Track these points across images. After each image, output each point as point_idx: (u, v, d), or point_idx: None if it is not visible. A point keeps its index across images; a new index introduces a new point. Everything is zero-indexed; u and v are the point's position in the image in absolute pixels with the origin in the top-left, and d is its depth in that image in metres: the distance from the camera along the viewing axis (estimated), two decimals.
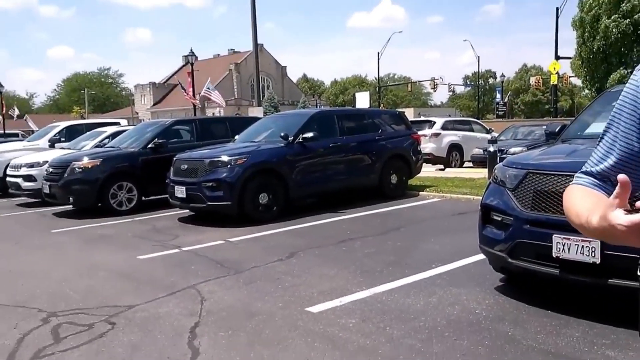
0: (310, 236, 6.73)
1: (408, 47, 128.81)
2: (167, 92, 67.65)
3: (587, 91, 35.28)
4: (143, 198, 9.41)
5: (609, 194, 1.08)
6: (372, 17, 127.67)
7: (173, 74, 69.28)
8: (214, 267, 5.37)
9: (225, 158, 7.84)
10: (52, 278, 5.25)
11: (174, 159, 8.48)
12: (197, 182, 7.80)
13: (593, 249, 3.28)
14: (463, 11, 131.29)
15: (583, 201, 1.10)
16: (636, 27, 27.06)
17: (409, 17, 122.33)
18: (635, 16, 26.87)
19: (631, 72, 1.17)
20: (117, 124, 15.06)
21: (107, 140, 11.58)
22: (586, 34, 28.33)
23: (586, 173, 1.20)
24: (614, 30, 27.08)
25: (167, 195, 8.52)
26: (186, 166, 8.14)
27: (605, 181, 1.15)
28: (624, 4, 27.01)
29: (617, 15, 26.99)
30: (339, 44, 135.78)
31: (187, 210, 8.53)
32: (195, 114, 27.96)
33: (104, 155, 9.46)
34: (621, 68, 27.46)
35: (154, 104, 66.80)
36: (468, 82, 74.17)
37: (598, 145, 1.20)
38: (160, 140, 9.55)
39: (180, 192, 7.99)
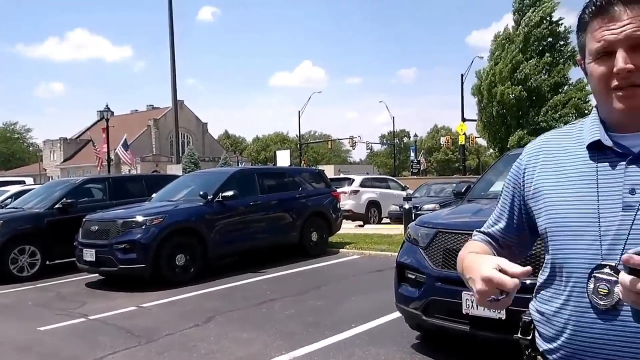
0: (229, 298, 6.55)
1: (328, 106, 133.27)
2: (79, 148, 64.82)
3: (491, 150, 38.04)
4: (47, 262, 8.76)
5: (496, 251, 1.30)
6: (294, 76, 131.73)
7: (86, 130, 66.80)
8: (124, 336, 5.04)
9: (140, 218, 7.55)
10: None
11: (84, 219, 8.04)
12: (108, 244, 7.41)
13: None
14: (379, 74, 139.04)
15: (470, 247, 1.29)
16: (530, 92, 29.93)
17: (328, 78, 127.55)
18: (529, 83, 29.77)
19: (527, 134, 1.34)
20: (22, 182, 14.17)
21: (9, 200, 10.82)
22: (484, 100, 30.92)
23: (479, 231, 1.37)
24: (510, 95, 29.78)
25: (74, 259, 8.00)
26: (97, 227, 7.73)
27: (495, 240, 1.33)
28: (517, 73, 29.89)
29: (509, 83, 29.77)
30: (261, 101, 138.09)
31: (97, 275, 8.03)
32: (109, 172, 26.92)
33: (5, 216, 8.77)
34: (519, 130, 30.03)
35: (64, 160, 63.61)
36: (384, 141, 77.63)
37: (495, 208, 1.36)
38: (69, 200, 9.05)
39: (90, 255, 7.54)
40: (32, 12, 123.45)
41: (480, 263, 1.11)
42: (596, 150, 1.12)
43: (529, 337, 1.22)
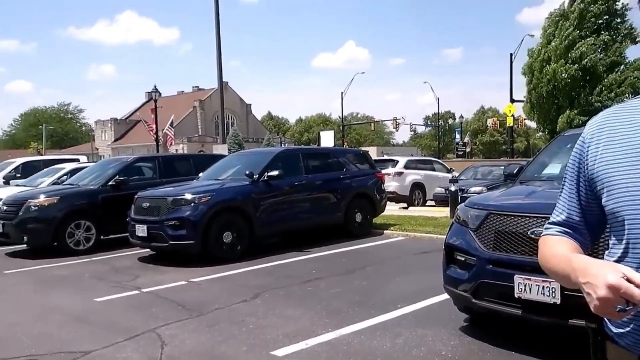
0: (276, 276, 6.65)
1: (371, 88, 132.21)
2: (128, 128, 66.83)
3: (540, 133, 36.80)
4: (102, 237, 9.13)
5: (578, 241, 1.22)
6: (337, 58, 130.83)
7: (135, 110, 68.68)
8: (176, 309, 5.22)
9: (189, 196, 7.74)
10: (2, 322, 4.98)
11: (136, 196, 8.31)
12: (159, 221, 7.64)
13: (553, 290, 3.35)
14: (423, 54, 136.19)
15: (559, 248, 1.20)
16: (584, 72, 28.66)
17: (372, 59, 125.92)
18: (584, 62, 28.49)
19: (579, 114, 1.26)
20: (77, 160, 14.71)
21: (65, 177, 11.28)
22: (535, 80, 29.80)
23: (553, 223, 1.29)
24: (563, 74, 28.59)
25: (127, 234, 8.30)
26: (148, 204, 7.97)
27: (573, 228, 1.24)
28: (573, 51, 28.62)
29: (563, 61, 28.55)
30: (304, 83, 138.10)
31: (148, 250, 8.31)
32: (158, 151, 27.64)
33: (62, 192, 9.17)
34: (569, 111, 28.87)
35: (115, 140, 65.76)
36: (429, 122, 76.35)
37: (559, 196, 1.29)
38: (121, 178, 9.36)
39: (142, 230, 7.80)
40: None
41: (601, 268, 1.02)
42: None
43: (594, 324, 1.18)
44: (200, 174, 9.42)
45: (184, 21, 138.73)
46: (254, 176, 8.30)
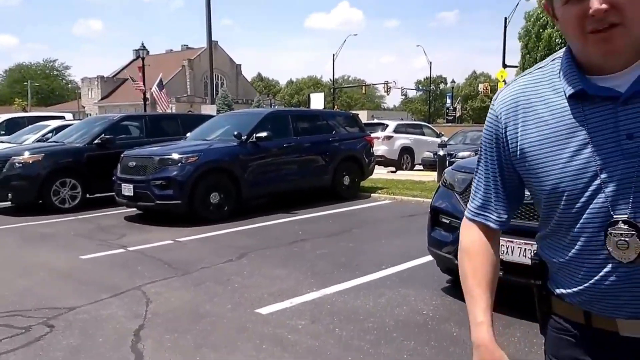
0: (262, 237, 6.68)
1: (364, 50, 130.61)
2: (116, 86, 65.64)
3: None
4: (88, 195, 9.07)
5: (494, 222, 1.25)
6: (330, 18, 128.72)
7: (123, 68, 67.33)
8: (161, 267, 5.23)
9: (176, 156, 7.66)
10: None
11: (122, 155, 8.22)
12: (145, 180, 7.58)
13: (533, 252, 3.39)
14: (419, 16, 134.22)
15: (475, 271, 1.25)
16: None
17: (366, 20, 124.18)
18: None
19: None
20: (62, 117, 14.49)
21: (50, 134, 11.11)
22: (530, 44, 29.53)
23: (475, 204, 1.29)
24: (557, 40, 28.37)
25: (113, 193, 8.25)
26: (134, 163, 7.90)
27: (490, 209, 1.26)
28: None
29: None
30: (296, 44, 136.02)
31: (134, 209, 8.28)
32: (145, 110, 27.27)
33: (47, 150, 9.04)
34: None
35: (102, 99, 64.67)
36: (420, 87, 75.83)
37: (475, 173, 1.29)
38: (107, 136, 9.23)
39: (128, 190, 7.75)
40: None
41: (483, 338, 1.19)
42: (579, 99, 1.04)
43: (540, 281, 1.22)
44: (188, 134, 9.32)
45: None
46: (242, 137, 8.23)
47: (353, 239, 6.51)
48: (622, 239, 1.00)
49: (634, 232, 0.99)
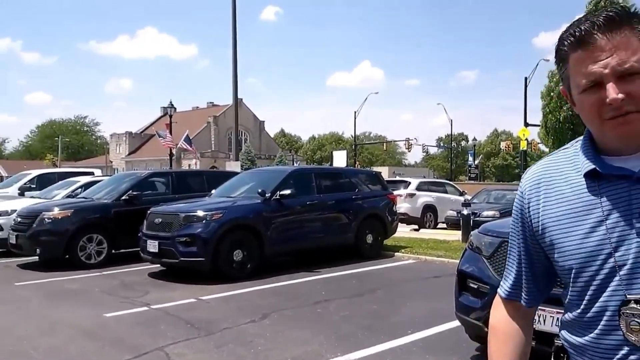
0: (285, 296, 6.61)
1: (385, 108, 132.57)
2: (143, 142, 67.55)
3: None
4: (113, 251, 9.17)
5: (525, 301, 1.24)
6: (352, 77, 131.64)
7: (150, 125, 69.51)
8: (184, 327, 5.20)
9: (200, 213, 7.76)
10: (12, 334, 4.99)
11: (148, 212, 8.35)
12: (170, 237, 7.66)
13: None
14: (439, 75, 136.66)
15: (500, 348, 1.24)
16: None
17: (386, 79, 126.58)
18: None
19: None
20: (91, 173, 14.86)
21: (79, 190, 11.39)
22: (552, 104, 29.68)
23: (506, 281, 1.28)
24: None
25: (138, 249, 8.33)
26: (160, 220, 8.01)
27: (520, 287, 1.25)
28: None
29: None
30: (318, 101, 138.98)
31: (159, 265, 8.33)
32: (171, 165, 27.87)
33: (76, 206, 9.26)
34: None
35: (129, 154, 66.45)
36: (441, 144, 76.22)
37: (509, 256, 1.28)
38: (134, 192, 9.43)
39: (153, 246, 7.82)
40: (104, 10, 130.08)
41: None
42: (595, 177, 1.06)
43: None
44: (213, 191, 9.46)
45: (202, 38, 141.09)
46: (266, 194, 8.32)
47: (377, 301, 6.39)
48: (635, 319, 0.99)
49: None
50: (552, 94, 29.63)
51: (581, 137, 1.16)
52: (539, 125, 32.02)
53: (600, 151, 1.09)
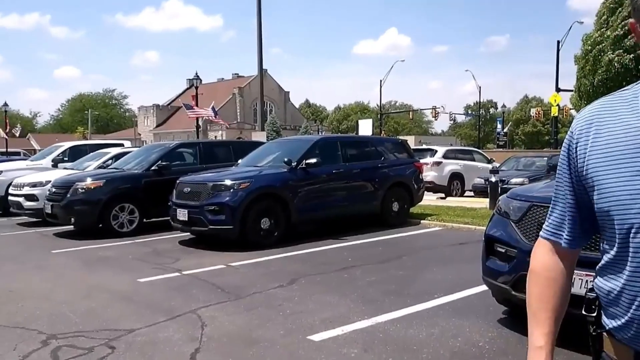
0: (312, 262, 6.71)
1: (411, 76, 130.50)
2: (170, 114, 68.24)
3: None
4: (145, 220, 9.40)
5: (569, 243, 1.24)
6: (378, 44, 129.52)
7: (177, 97, 70.01)
8: (215, 292, 5.35)
9: (228, 182, 7.87)
10: (51, 299, 5.22)
11: (177, 181, 8.51)
12: (199, 206, 7.81)
13: (588, 284, 3.26)
14: (468, 42, 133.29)
15: (541, 297, 1.25)
16: (638, 61, 27.43)
17: (414, 46, 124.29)
18: (638, 51, 27.26)
19: None
20: (121, 145, 15.14)
21: (110, 161, 11.64)
22: (587, 67, 28.70)
23: (549, 221, 1.29)
24: (616, 64, 27.46)
25: (168, 218, 8.53)
26: (189, 189, 8.16)
27: (564, 227, 1.25)
28: (627, 40, 27.44)
29: (621, 50, 27.40)
30: (343, 70, 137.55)
31: (188, 234, 8.52)
32: (198, 137, 28.14)
33: (107, 176, 9.49)
34: None
35: (157, 126, 67.28)
36: (469, 112, 74.77)
37: (555, 192, 1.29)
38: (164, 163, 9.61)
39: (182, 215, 7.99)
40: None
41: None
42: None
43: (594, 315, 1.18)
44: (240, 161, 9.56)
45: (228, 8, 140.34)
46: (292, 163, 8.36)
47: (403, 267, 6.44)
48: None
49: None
50: (587, 56, 28.63)
51: None
52: (571, 91, 31.08)
53: None
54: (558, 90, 29.98)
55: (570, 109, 36.22)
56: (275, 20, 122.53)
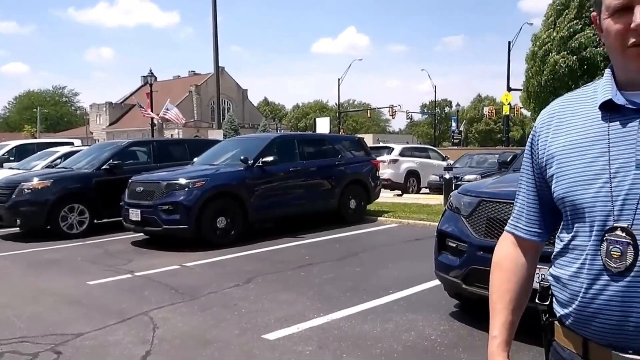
0: (269, 261, 6.67)
1: (370, 74, 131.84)
2: (123, 112, 66.39)
3: (534, 123, 36.78)
4: (95, 221, 9.11)
5: (533, 235, 1.27)
6: (337, 43, 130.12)
7: (131, 94, 68.22)
8: (168, 292, 5.23)
9: (183, 181, 7.72)
10: None
11: (130, 181, 8.29)
12: (153, 205, 7.63)
13: (542, 276, 3.37)
14: (425, 41, 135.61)
15: (502, 287, 1.28)
16: (582, 62, 28.63)
17: (372, 45, 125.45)
18: (583, 53, 28.44)
19: None
20: (71, 144, 14.62)
21: (59, 160, 11.22)
22: (535, 68, 29.74)
23: (513, 215, 1.32)
24: (562, 65, 28.55)
25: (120, 218, 8.30)
26: (142, 188, 7.96)
27: (527, 220, 1.28)
28: (572, 41, 28.57)
29: (565, 52, 28.51)
30: (302, 69, 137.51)
31: (142, 234, 8.31)
32: (153, 135, 27.54)
33: (55, 176, 9.12)
34: None
35: (110, 124, 65.35)
36: (425, 110, 76.18)
37: (519, 185, 1.31)
38: (115, 162, 9.33)
39: (135, 215, 7.79)
40: None
41: (492, 352, 1.24)
42: (609, 109, 1.08)
43: (547, 303, 1.21)
44: (195, 159, 9.40)
45: (185, 4, 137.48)
46: (249, 162, 8.29)
47: (360, 263, 6.49)
48: (617, 246, 1.01)
49: (630, 241, 1.00)
50: (535, 57, 29.65)
51: (602, 77, 1.17)
52: (520, 90, 32.11)
53: (620, 86, 1.09)
54: (509, 89, 30.94)
55: (520, 107, 37.46)
56: (234, 18, 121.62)
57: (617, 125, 1.06)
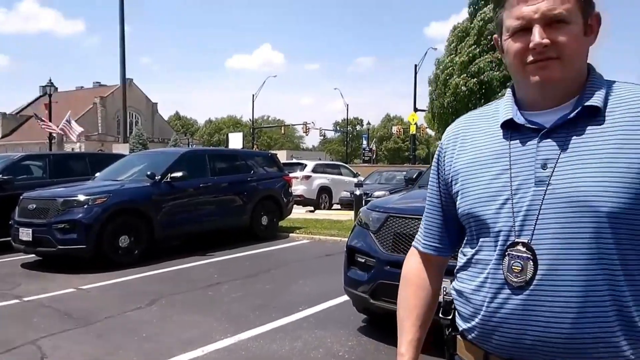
0: (175, 281, 6.37)
1: (284, 91, 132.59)
2: (19, 124, 61.51)
3: (439, 142, 38.91)
4: None
5: (439, 251, 1.29)
6: (253, 59, 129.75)
7: (28, 105, 63.43)
8: (61, 318, 4.81)
9: (81, 197, 7.22)
10: None
11: (21, 197, 7.62)
12: (47, 224, 7.05)
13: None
14: (338, 61, 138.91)
15: (409, 303, 1.29)
16: (481, 85, 30.75)
17: (287, 63, 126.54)
18: (482, 76, 30.56)
19: None
20: None
21: None
22: (437, 91, 31.52)
23: (421, 232, 1.33)
24: (462, 87, 30.49)
25: (9, 238, 7.58)
26: (34, 206, 7.33)
27: (434, 236, 1.29)
28: (472, 66, 30.61)
29: (466, 75, 30.50)
30: (216, 84, 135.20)
31: (33, 255, 7.64)
32: (51, 149, 25.74)
33: None
34: None
35: (3, 137, 60.22)
36: (338, 128, 77.92)
37: (427, 202, 1.32)
38: (5, 177, 8.56)
39: (26, 234, 7.15)
40: None
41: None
42: (510, 128, 1.12)
43: (449, 317, 1.23)
44: (97, 174, 8.86)
45: (90, 13, 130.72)
46: (156, 177, 7.94)
47: (270, 281, 6.38)
48: (518, 261, 1.03)
49: (530, 256, 1.02)
50: (438, 80, 31.41)
51: (504, 96, 1.19)
52: (425, 111, 33.79)
53: (521, 106, 1.12)
54: (416, 110, 32.50)
55: (426, 127, 39.41)
56: (144, 29, 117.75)
57: (517, 144, 1.10)
